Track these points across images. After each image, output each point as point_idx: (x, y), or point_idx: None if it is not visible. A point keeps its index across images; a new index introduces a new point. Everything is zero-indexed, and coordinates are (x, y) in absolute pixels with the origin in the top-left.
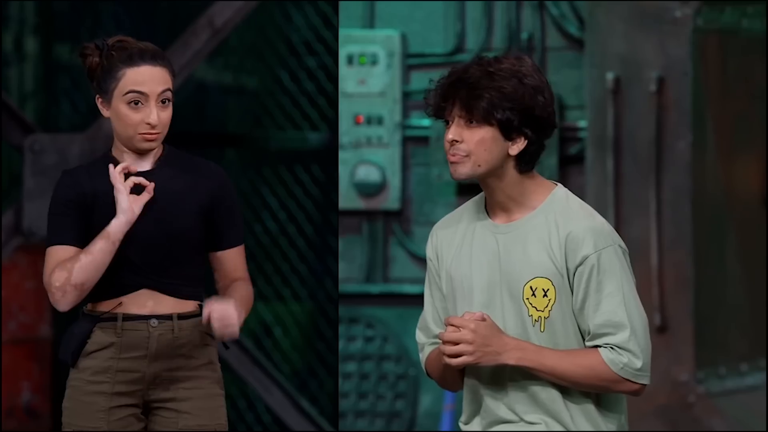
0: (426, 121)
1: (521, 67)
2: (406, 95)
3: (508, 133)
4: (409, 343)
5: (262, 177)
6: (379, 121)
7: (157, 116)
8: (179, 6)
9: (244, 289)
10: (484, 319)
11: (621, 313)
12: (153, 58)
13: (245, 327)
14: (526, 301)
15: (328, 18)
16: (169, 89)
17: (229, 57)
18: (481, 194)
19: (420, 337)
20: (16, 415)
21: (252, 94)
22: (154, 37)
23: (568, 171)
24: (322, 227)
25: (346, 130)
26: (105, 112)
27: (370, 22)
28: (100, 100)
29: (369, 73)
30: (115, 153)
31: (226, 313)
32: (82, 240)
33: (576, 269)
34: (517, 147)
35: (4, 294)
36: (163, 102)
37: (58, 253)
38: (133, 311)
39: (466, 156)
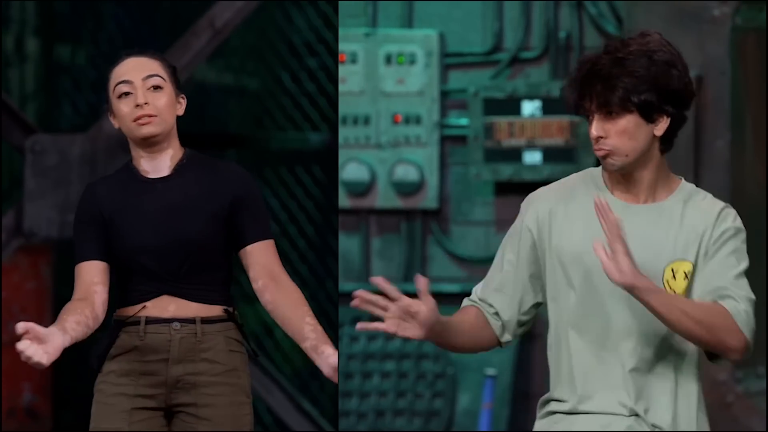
0: (464, 120)
1: (649, 44)
2: (444, 94)
3: (650, 115)
4: None
5: (263, 178)
6: (418, 120)
7: (145, 98)
8: (180, 7)
9: (302, 298)
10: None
11: (745, 285)
12: (139, 53)
13: (247, 328)
14: (665, 283)
15: (329, 19)
16: (156, 75)
17: (230, 58)
18: (589, 170)
19: (476, 289)
20: (17, 416)
21: (253, 94)
22: (155, 39)
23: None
24: (323, 228)
25: (384, 129)
26: (114, 123)
27: (408, 22)
28: (110, 114)
29: (407, 73)
30: (134, 161)
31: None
32: (102, 251)
33: (719, 238)
34: (661, 127)
35: (4, 295)
36: (154, 89)
37: (81, 272)
38: (156, 314)
39: (612, 149)
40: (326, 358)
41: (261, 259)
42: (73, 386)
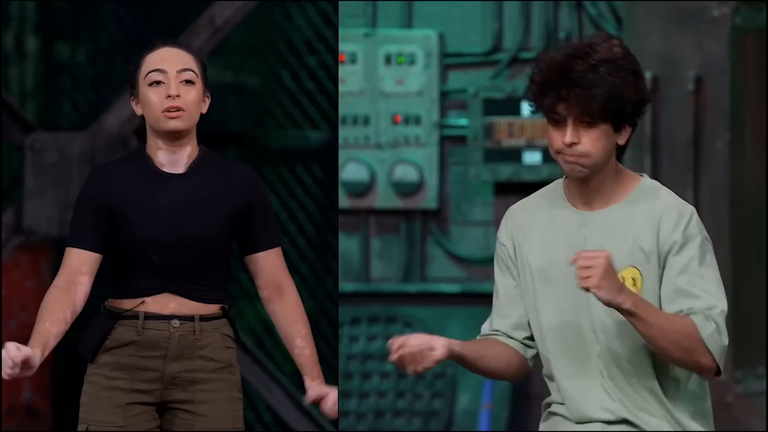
0: (463, 121)
1: (614, 50)
2: (443, 95)
3: (619, 124)
4: None
5: (262, 176)
6: (417, 120)
7: (178, 90)
8: (180, 5)
9: (305, 320)
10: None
11: (714, 290)
12: (173, 43)
13: (246, 326)
14: None
15: (329, 17)
16: (190, 70)
17: (229, 56)
18: (557, 181)
19: (484, 326)
20: (17, 414)
21: (253, 93)
22: (154, 37)
23: None
24: (323, 226)
25: (384, 130)
26: (138, 110)
27: (408, 22)
28: (133, 100)
29: (407, 73)
30: (149, 151)
31: (330, 398)
32: (96, 242)
33: (668, 253)
34: (624, 136)
35: (4, 293)
36: (186, 83)
37: (70, 257)
38: (155, 310)
39: (584, 156)
40: (307, 390)
41: (267, 269)
42: (73, 384)
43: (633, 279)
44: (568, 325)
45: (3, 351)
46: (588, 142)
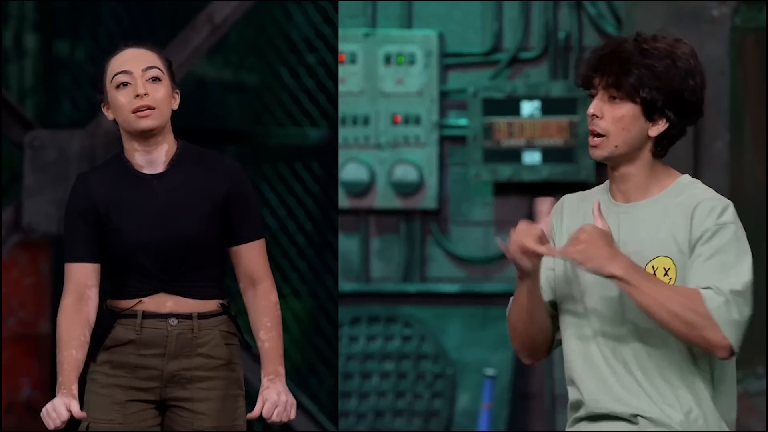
0: (463, 121)
1: (677, 50)
2: (443, 95)
3: (651, 113)
4: (446, 342)
5: (261, 173)
6: (417, 120)
7: (145, 89)
8: (179, 3)
9: (273, 314)
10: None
11: (730, 277)
12: (136, 44)
13: (244, 324)
14: None
15: (328, 15)
16: (155, 67)
17: (229, 54)
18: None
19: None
20: (16, 411)
21: (252, 90)
22: (153, 34)
23: (605, 170)
24: (321, 224)
25: (383, 130)
26: (108, 114)
27: (408, 22)
28: (104, 105)
29: (407, 73)
30: (126, 154)
31: (280, 406)
32: (96, 252)
33: (698, 240)
34: (657, 129)
35: (4, 290)
36: (153, 80)
37: (74, 272)
38: (153, 309)
39: (604, 136)
40: (261, 388)
41: (245, 261)
42: None
43: (665, 269)
44: (597, 314)
45: (52, 411)
46: (609, 120)
